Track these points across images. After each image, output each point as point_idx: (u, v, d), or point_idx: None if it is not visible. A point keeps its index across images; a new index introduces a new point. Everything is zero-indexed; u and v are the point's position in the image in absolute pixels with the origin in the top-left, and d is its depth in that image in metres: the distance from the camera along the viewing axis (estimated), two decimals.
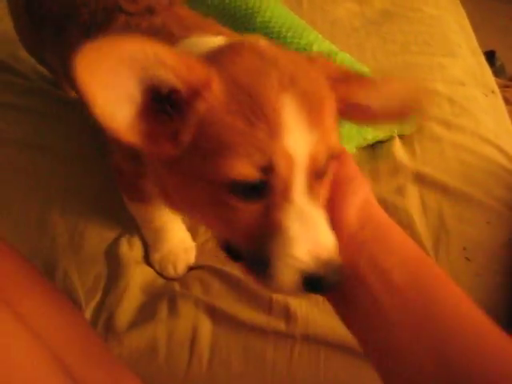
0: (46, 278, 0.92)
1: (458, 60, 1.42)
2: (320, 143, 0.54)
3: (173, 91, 0.54)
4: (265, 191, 0.54)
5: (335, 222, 0.57)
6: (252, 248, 0.57)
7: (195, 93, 0.54)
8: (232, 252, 0.61)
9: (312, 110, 0.54)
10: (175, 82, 0.53)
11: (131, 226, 1.06)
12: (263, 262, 0.55)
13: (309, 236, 0.53)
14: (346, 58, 1.18)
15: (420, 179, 1.11)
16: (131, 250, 1.05)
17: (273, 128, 0.51)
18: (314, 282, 0.53)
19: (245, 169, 0.51)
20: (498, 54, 2.80)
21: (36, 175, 1.18)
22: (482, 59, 1.51)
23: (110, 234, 1.08)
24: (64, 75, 1.18)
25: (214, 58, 0.58)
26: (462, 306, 0.53)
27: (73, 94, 1.35)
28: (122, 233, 1.08)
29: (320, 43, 1.23)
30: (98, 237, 1.07)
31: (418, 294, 0.53)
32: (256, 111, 0.51)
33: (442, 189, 1.09)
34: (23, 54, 1.40)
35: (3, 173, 1.19)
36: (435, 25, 1.55)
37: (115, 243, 1.06)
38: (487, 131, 1.21)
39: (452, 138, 1.18)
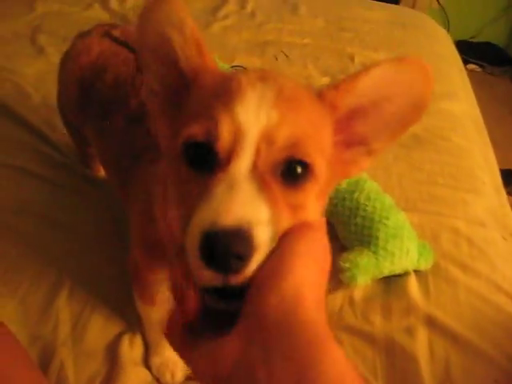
0: (39, 373, 0.90)
1: (481, 198, 1.42)
2: (280, 127, 0.51)
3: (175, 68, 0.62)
4: (210, 160, 0.52)
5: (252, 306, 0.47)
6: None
7: (195, 73, 0.61)
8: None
9: (281, 102, 0.53)
10: (180, 55, 0.61)
11: (135, 323, 1.05)
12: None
13: (227, 203, 0.47)
14: (373, 188, 1.20)
15: (431, 323, 1.09)
16: (131, 349, 1.04)
17: (227, 100, 0.53)
18: (211, 247, 0.45)
19: (192, 129, 0.53)
20: None
21: (49, 253, 1.18)
22: (505, 199, 1.51)
23: (112, 329, 1.06)
24: (98, 155, 1.20)
25: None
26: None
27: (100, 172, 1.36)
28: (125, 329, 1.06)
29: None
30: (100, 330, 1.05)
31: None
32: (222, 92, 0.55)
33: (452, 337, 1.06)
34: (59, 122, 1.41)
35: (17, 247, 1.19)
36: (463, 157, 1.56)
37: (117, 340, 1.04)
38: (503, 279, 1.20)
39: (467, 283, 1.17)
